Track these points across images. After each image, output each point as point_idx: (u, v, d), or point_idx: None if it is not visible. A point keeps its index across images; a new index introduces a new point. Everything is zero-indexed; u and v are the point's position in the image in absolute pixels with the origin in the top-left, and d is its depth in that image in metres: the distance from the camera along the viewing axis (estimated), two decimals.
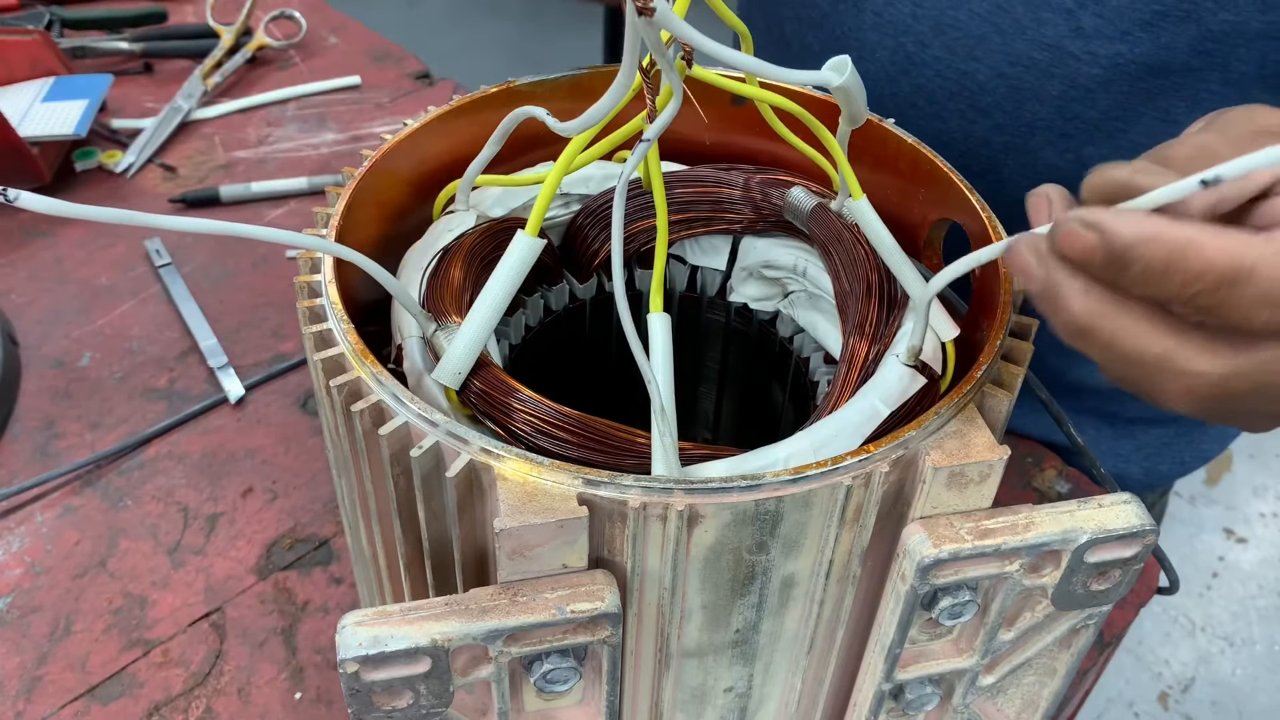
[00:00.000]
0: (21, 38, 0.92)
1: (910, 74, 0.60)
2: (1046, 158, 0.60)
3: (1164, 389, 0.32)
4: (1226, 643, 1.71)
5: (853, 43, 0.62)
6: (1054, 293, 0.32)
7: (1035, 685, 0.43)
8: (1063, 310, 0.32)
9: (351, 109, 0.99)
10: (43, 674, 0.56)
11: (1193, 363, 0.31)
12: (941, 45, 0.59)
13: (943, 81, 0.60)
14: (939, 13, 0.58)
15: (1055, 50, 0.56)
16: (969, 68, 0.59)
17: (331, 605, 0.60)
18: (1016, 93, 0.58)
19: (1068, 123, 0.59)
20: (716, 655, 0.38)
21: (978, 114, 0.60)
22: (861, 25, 0.61)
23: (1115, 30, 0.55)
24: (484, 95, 0.48)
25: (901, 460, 0.34)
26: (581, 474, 0.32)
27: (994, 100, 0.59)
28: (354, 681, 0.31)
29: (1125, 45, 0.55)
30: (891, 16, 0.60)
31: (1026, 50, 0.57)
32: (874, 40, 0.61)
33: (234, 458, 0.68)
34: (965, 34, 0.58)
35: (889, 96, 0.62)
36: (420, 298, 0.42)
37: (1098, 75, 0.56)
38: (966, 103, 0.60)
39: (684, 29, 0.30)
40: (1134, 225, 0.30)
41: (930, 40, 0.59)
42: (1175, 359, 0.31)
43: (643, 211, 0.48)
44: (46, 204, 0.29)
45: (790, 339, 0.50)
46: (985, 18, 0.57)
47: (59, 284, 0.80)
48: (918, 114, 0.61)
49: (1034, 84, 0.58)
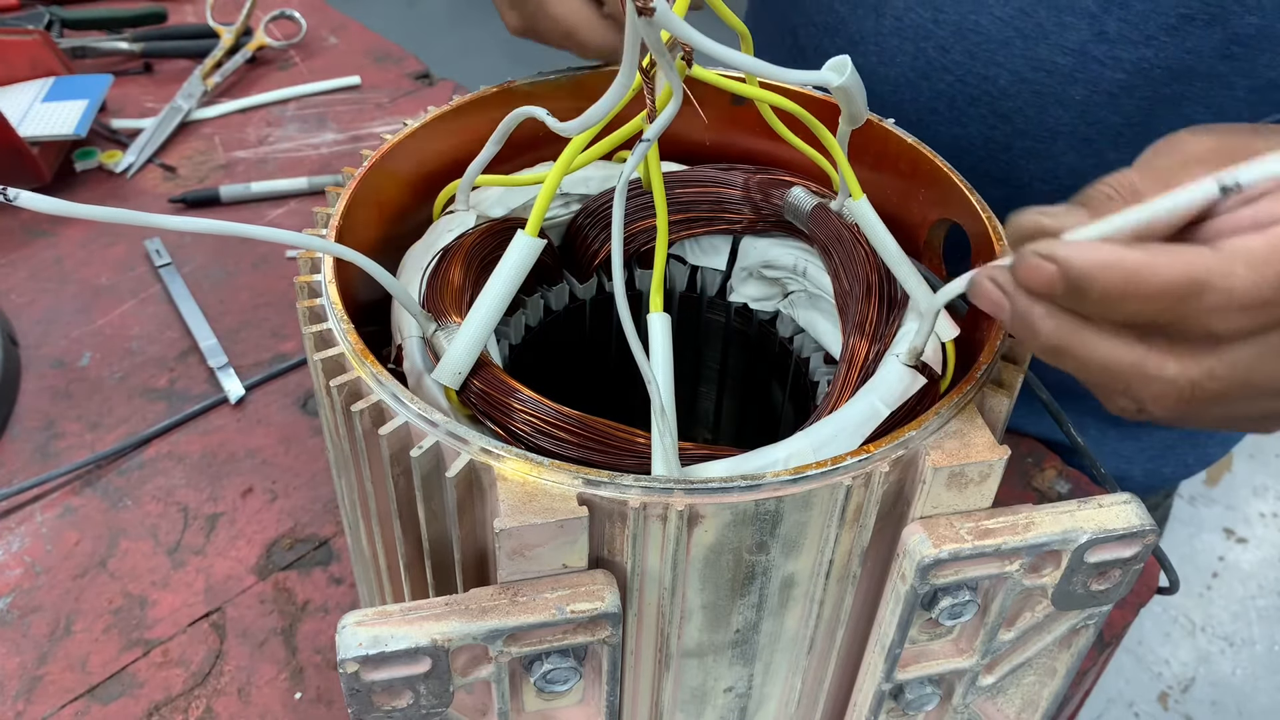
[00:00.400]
0: (21, 38, 0.92)
1: (931, 79, 0.60)
2: (1068, 163, 0.60)
3: (1140, 397, 0.33)
4: (1226, 643, 1.71)
5: (871, 48, 0.62)
6: (1023, 320, 0.33)
7: (1035, 685, 0.43)
8: (1034, 335, 0.33)
9: (351, 109, 0.99)
10: (43, 674, 0.56)
11: (1164, 369, 0.32)
12: (963, 50, 0.58)
13: (964, 87, 0.59)
14: (960, 17, 0.58)
15: (1079, 55, 0.56)
16: (991, 73, 0.58)
17: (331, 605, 0.60)
18: (1039, 98, 0.58)
19: (1090, 128, 0.58)
20: (716, 655, 0.38)
21: (999, 119, 0.60)
22: (881, 30, 0.61)
23: (1140, 35, 0.54)
24: (484, 95, 0.48)
25: (901, 460, 0.34)
26: (581, 474, 0.32)
27: (1016, 105, 0.59)
28: (354, 681, 0.31)
29: (1150, 50, 0.54)
30: (912, 21, 0.60)
31: (1049, 55, 0.56)
32: (894, 46, 0.61)
33: (234, 458, 0.68)
34: (987, 39, 0.57)
35: (909, 102, 0.62)
36: (420, 298, 0.42)
37: (1121, 80, 0.56)
38: (988, 108, 0.59)
39: (684, 29, 0.30)
40: (1088, 253, 0.31)
41: (951, 45, 0.59)
42: (1146, 367, 0.32)
43: (643, 211, 0.48)
44: (47, 203, 0.29)
45: (790, 339, 0.50)
46: (1008, 22, 0.57)
47: (59, 284, 0.80)
48: (938, 119, 0.61)
49: (1057, 89, 0.57)
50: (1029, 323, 0.33)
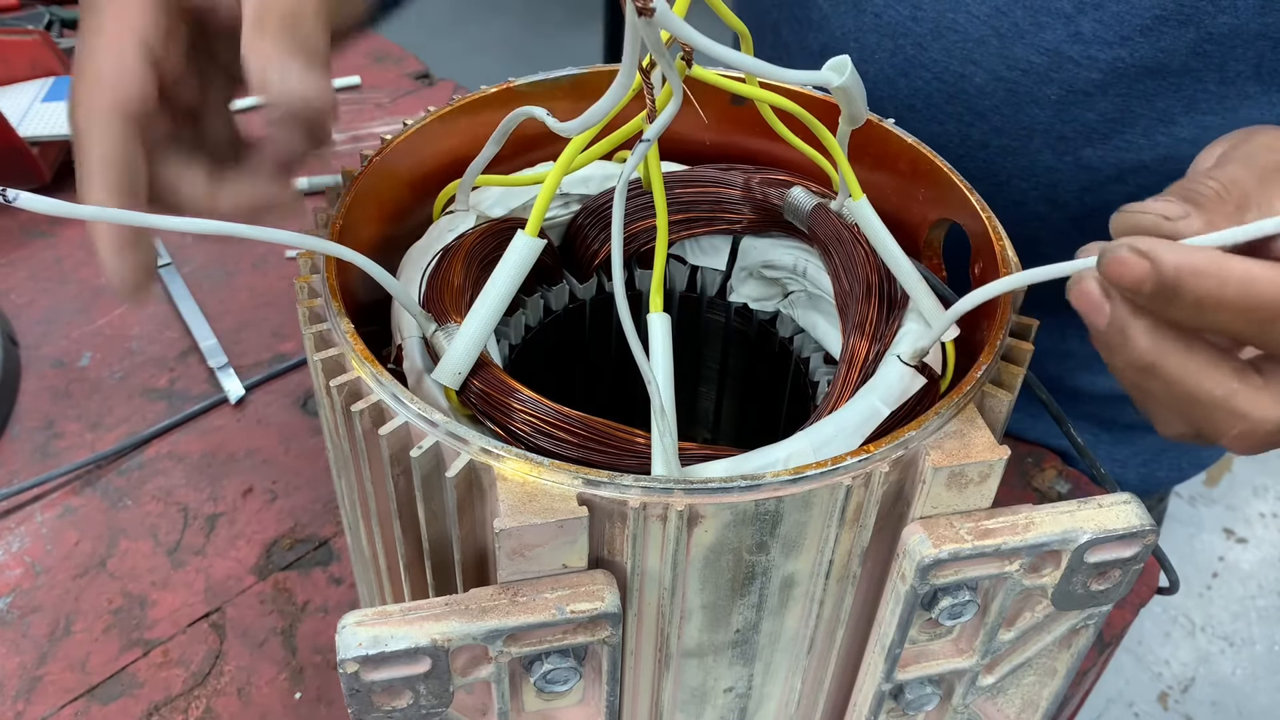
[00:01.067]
0: (21, 38, 0.92)
1: (909, 76, 0.60)
2: (1045, 161, 0.60)
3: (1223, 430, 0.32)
4: (1226, 643, 1.71)
5: (852, 44, 0.62)
6: (1120, 330, 0.31)
7: (1035, 685, 0.43)
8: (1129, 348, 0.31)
9: (351, 109, 0.99)
10: (43, 674, 0.56)
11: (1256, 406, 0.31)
12: (940, 48, 0.59)
13: (940, 84, 0.60)
14: (938, 15, 0.58)
15: (1054, 55, 0.56)
16: (967, 71, 0.58)
17: (331, 605, 0.60)
18: (1014, 96, 0.58)
19: (1066, 125, 0.58)
20: (716, 655, 0.38)
21: (975, 117, 0.60)
22: (861, 27, 0.61)
23: (1115, 35, 0.54)
24: (484, 95, 0.48)
25: (901, 460, 0.34)
26: (581, 474, 0.32)
27: (992, 104, 0.59)
28: (354, 681, 0.31)
29: (1125, 50, 0.55)
30: (891, 18, 0.60)
31: (1025, 54, 0.57)
32: (873, 42, 0.61)
33: (234, 458, 0.68)
34: (964, 37, 0.58)
35: (887, 98, 0.62)
36: (420, 298, 0.42)
37: (1096, 79, 0.56)
38: (964, 105, 0.60)
39: (684, 29, 0.30)
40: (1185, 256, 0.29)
41: (929, 43, 0.59)
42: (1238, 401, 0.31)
43: (643, 211, 0.48)
44: (46, 204, 0.29)
45: (790, 339, 0.50)
46: (984, 21, 0.57)
47: (59, 284, 0.80)
48: (915, 116, 0.61)
49: (1032, 88, 0.58)
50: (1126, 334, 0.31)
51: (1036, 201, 0.62)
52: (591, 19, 2.50)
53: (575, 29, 2.84)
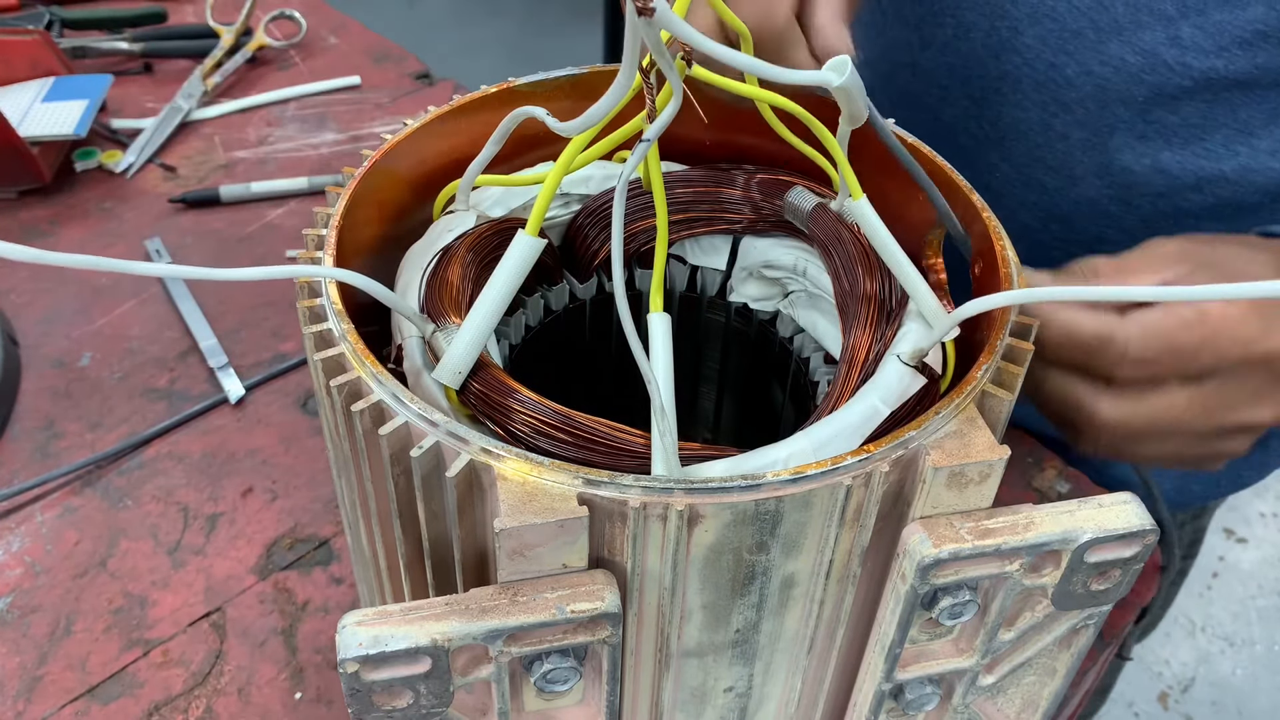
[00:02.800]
0: (21, 38, 0.92)
1: (1000, 59, 0.60)
2: (1122, 160, 0.60)
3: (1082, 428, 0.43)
4: (1226, 643, 1.71)
5: (949, 20, 0.62)
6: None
7: (1035, 685, 0.43)
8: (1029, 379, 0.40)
9: (351, 109, 0.99)
10: (43, 674, 0.56)
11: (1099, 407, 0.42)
12: (1035, 34, 0.58)
13: (1030, 71, 0.59)
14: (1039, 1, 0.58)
15: (1149, 56, 0.55)
16: (1059, 61, 0.58)
17: (331, 605, 0.60)
18: (1102, 93, 0.58)
19: (1148, 126, 0.58)
20: (716, 655, 0.38)
21: (1060, 108, 0.59)
22: (960, 4, 0.61)
23: (1213, 45, 0.54)
24: (484, 95, 0.48)
25: (901, 460, 0.34)
26: (581, 474, 0.32)
27: (1078, 96, 0.58)
28: (354, 681, 0.31)
29: (1220, 60, 0.54)
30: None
31: (1120, 52, 0.56)
32: (970, 20, 0.60)
33: (234, 458, 0.68)
34: (1061, 26, 0.57)
35: (976, 78, 0.61)
36: (419, 298, 0.42)
37: (1186, 86, 0.56)
38: (1050, 95, 0.59)
39: (684, 29, 0.30)
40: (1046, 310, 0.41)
41: (1025, 28, 0.58)
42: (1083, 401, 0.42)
43: (643, 211, 0.48)
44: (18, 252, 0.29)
45: (790, 339, 0.50)
46: (1084, 13, 0.56)
47: (59, 284, 0.80)
48: (1001, 100, 0.61)
49: (1121, 87, 0.57)
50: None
51: (1110, 201, 0.62)
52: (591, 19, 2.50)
53: (575, 29, 2.84)
